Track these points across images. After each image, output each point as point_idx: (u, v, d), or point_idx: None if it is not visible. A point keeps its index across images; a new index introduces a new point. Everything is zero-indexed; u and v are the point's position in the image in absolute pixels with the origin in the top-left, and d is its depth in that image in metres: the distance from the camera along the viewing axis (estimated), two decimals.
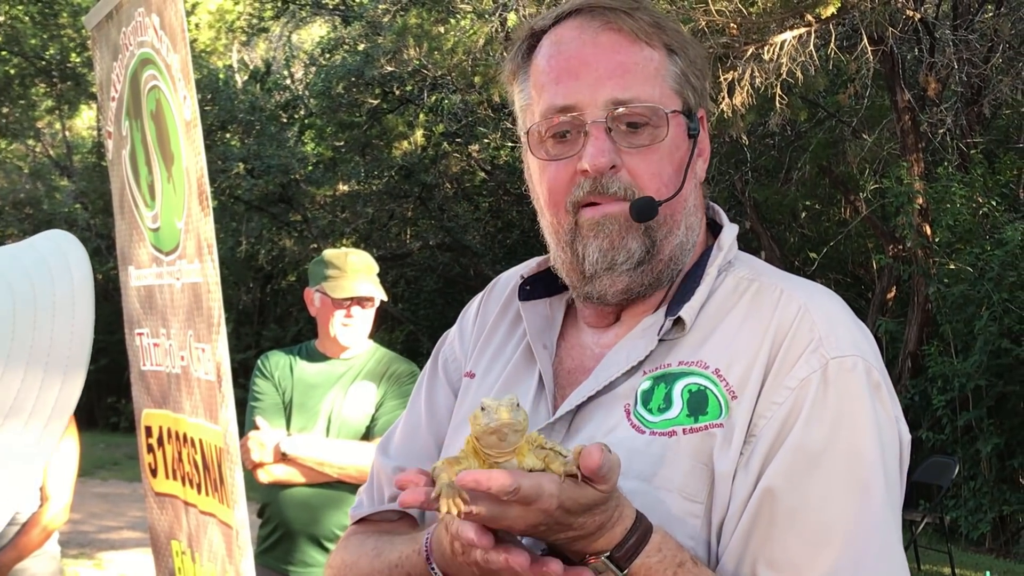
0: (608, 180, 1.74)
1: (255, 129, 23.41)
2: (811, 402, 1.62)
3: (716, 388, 1.68)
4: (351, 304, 4.71)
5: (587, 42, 1.77)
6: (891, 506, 1.62)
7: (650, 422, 1.70)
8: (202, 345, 3.54)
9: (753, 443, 1.63)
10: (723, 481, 1.63)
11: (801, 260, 19.10)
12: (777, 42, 12.04)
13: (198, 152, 3.34)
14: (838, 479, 1.59)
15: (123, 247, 4.13)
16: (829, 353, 1.65)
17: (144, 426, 4.12)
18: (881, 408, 1.66)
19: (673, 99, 1.77)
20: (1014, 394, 13.23)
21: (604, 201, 1.75)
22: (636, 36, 1.76)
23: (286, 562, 4.65)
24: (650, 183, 1.74)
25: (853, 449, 1.61)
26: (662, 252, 1.77)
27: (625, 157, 1.74)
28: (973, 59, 13.91)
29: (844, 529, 1.58)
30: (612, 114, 1.73)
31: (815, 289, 1.78)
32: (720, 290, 1.79)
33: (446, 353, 2.09)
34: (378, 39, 20.63)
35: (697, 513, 1.64)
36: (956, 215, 13.74)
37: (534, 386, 1.87)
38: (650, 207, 1.73)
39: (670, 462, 1.66)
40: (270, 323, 26.50)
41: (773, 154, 17.88)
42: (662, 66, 1.77)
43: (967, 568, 11.53)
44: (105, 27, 4.03)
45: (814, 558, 1.57)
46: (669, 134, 1.76)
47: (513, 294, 2.00)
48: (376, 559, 1.84)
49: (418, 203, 23.59)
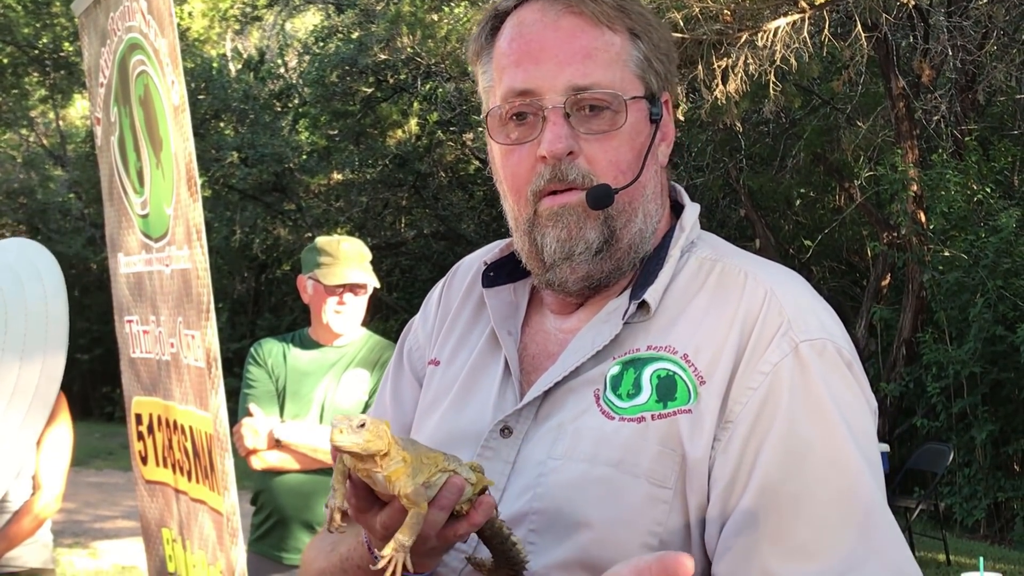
0: (567, 167, 1.72)
1: (249, 118, 23.38)
2: (789, 388, 1.62)
3: (685, 373, 1.67)
4: (343, 291, 4.72)
5: (548, 25, 1.74)
6: (879, 481, 1.62)
7: (619, 408, 1.68)
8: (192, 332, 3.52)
9: (731, 428, 1.62)
10: (697, 467, 1.62)
11: (796, 248, 19.10)
12: (771, 29, 12.01)
13: (186, 137, 3.32)
14: (831, 461, 1.58)
15: (112, 234, 4.11)
16: (798, 336, 1.64)
17: (134, 414, 4.10)
18: (855, 385, 1.66)
19: (635, 84, 1.75)
20: (1009, 381, 13.24)
21: (563, 189, 1.74)
22: (598, 20, 1.73)
23: (280, 548, 4.67)
24: (608, 170, 1.73)
25: (840, 431, 1.60)
26: (621, 240, 1.75)
27: (583, 143, 1.73)
28: (967, 45, 13.90)
29: (848, 510, 1.57)
30: (571, 100, 1.71)
31: (778, 271, 1.77)
32: (684, 272, 1.78)
33: (410, 342, 2.07)
34: (371, 27, 20.60)
35: (665, 499, 1.63)
36: (951, 202, 13.73)
37: (500, 373, 1.85)
38: (606, 195, 1.72)
39: (638, 448, 1.64)
40: (265, 312, 26.47)
41: (767, 142, 17.87)
42: (624, 51, 1.74)
43: (961, 555, 11.54)
44: (93, 12, 4.01)
45: (827, 543, 1.55)
46: (629, 120, 1.74)
47: (476, 280, 1.98)
48: (331, 553, 1.83)
49: (412, 192, 23.57)
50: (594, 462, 1.64)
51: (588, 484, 1.64)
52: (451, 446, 1.71)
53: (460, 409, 1.86)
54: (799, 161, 17.34)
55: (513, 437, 1.75)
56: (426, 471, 1.53)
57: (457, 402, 1.87)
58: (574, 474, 1.65)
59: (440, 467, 1.54)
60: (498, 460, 1.74)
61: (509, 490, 1.72)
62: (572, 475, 1.65)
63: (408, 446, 1.53)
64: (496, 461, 1.74)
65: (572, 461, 1.67)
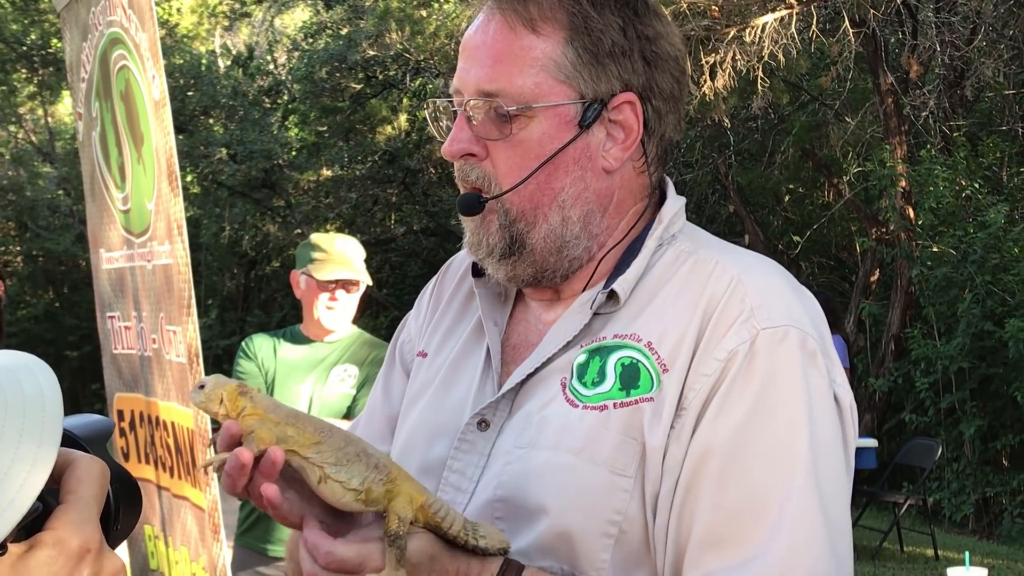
0: (468, 168, 1.77)
1: (238, 114, 23.32)
2: (734, 374, 1.62)
3: (648, 361, 1.67)
4: (336, 287, 4.74)
5: (481, 27, 1.77)
6: (817, 473, 1.60)
7: (583, 396, 1.69)
8: (174, 327, 3.51)
9: (684, 415, 1.63)
10: (654, 455, 1.63)
11: (785, 243, 19.11)
12: (759, 24, 12.01)
13: (167, 132, 3.31)
14: (760, 451, 1.59)
15: (94, 229, 4.10)
16: (760, 324, 1.64)
17: (116, 410, 4.09)
18: (815, 375, 1.65)
19: (555, 90, 1.73)
20: (997, 376, 13.25)
21: (466, 188, 1.78)
22: (520, 24, 1.73)
23: (265, 541, 4.68)
24: (507, 177, 1.74)
25: (779, 421, 1.60)
26: (527, 245, 1.76)
27: (491, 148, 1.75)
28: (955, 41, 13.90)
29: (764, 502, 1.57)
30: (475, 104, 1.74)
31: (753, 260, 1.76)
32: (659, 263, 1.78)
33: (403, 336, 2.09)
34: (360, 23, 20.57)
35: (626, 487, 1.63)
36: (939, 198, 13.73)
37: (480, 364, 1.86)
38: (471, 203, 1.76)
39: (599, 436, 1.65)
40: (254, 309, 26.41)
41: (756, 137, 17.86)
42: (545, 56, 1.73)
43: (950, 550, 11.56)
44: (74, 7, 4.00)
45: (737, 533, 1.57)
46: (538, 128, 1.73)
47: (468, 272, 1.98)
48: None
49: (402, 188, 23.54)
50: (557, 450, 1.65)
51: (550, 472, 1.65)
52: (432, 437, 1.77)
53: (441, 399, 1.87)
54: (788, 157, 17.33)
55: (490, 431, 1.76)
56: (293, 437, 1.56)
57: (439, 393, 1.89)
58: (537, 462, 1.66)
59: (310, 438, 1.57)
60: (474, 453, 1.75)
61: (481, 481, 1.73)
62: (535, 463, 1.66)
63: (282, 415, 1.58)
64: (472, 454, 1.75)
65: (536, 449, 1.68)
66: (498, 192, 1.75)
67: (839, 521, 1.62)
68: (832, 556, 1.58)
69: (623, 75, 1.76)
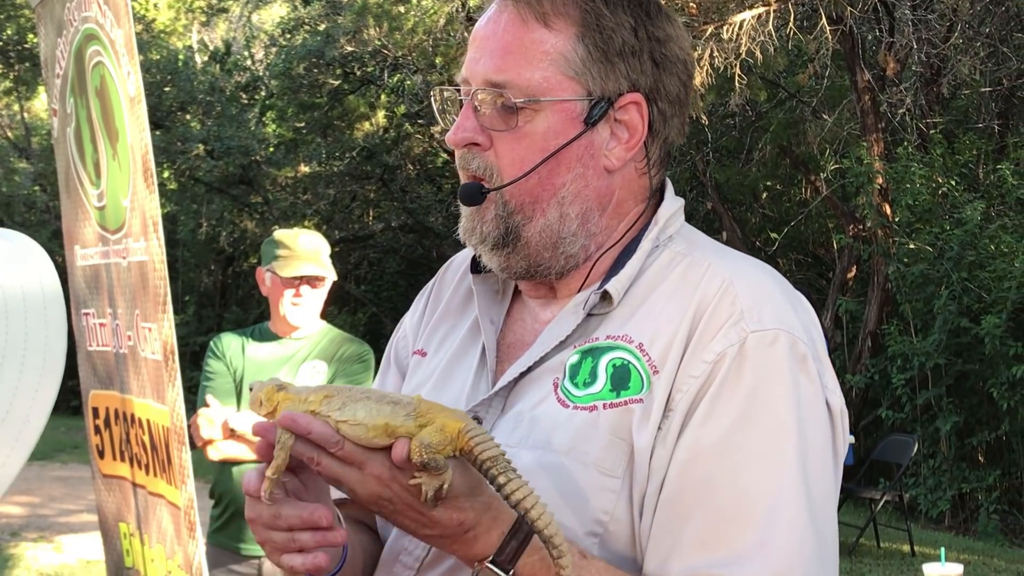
0: (469, 157, 1.76)
1: (215, 110, 23.30)
2: (723, 377, 1.62)
3: (639, 363, 1.67)
4: (300, 283, 4.73)
5: (492, 18, 1.77)
6: (807, 478, 1.60)
7: (575, 396, 1.69)
8: (149, 324, 3.49)
9: (671, 417, 1.63)
10: (642, 456, 1.63)
11: (762, 240, 19.18)
12: (736, 21, 12.04)
13: (143, 128, 3.29)
14: (748, 455, 1.59)
15: (69, 226, 4.08)
16: (749, 327, 1.64)
17: (91, 407, 4.07)
18: (805, 380, 1.65)
19: (563, 86, 1.73)
20: (973, 372, 13.33)
21: (467, 177, 1.78)
22: (533, 17, 1.73)
23: (238, 540, 4.67)
24: (509, 168, 1.74)
25: (765, 424, 1.60)
26: (522, 238, 1.76)
27: (495, 139, 1.75)
28: (932, 39, 13.97)
29: (752, 505, 1.57)
30: (482, 95, 1.74)
31: (745, 263, 1.76)
32: (654, 265, 1.77)
33: (398, 336, 2.09)
34: (338, 19, 20.54)
35: (613, 488, 1.64)
36: (916, 195, 13.80)
37: (476, 360, 1.86)
38: (472, 193, 1.76)
39: (588, 436, 1.65)
40: (232, 305, 26.38)
41: (734, 134, 17.92)
42: (555, 50, 1.73)
43: (926, 545, 11.60)
44: (49, 3, 3.97)
45: (723, 535, 1.57)
46: (544, 122, 1.73)
47: (468, 271, 1.98)
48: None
49: (380, 184, 23.54)
50: (546, 449, 1.65)
51: (539, 471, 1.64)
52: None
53: (437, 396, 1.85)
54: (765, 154, 17.41)
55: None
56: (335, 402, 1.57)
57: (435, 389, 1.89)
58: (526, 461, 1.64)
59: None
60: None
61: None
62: (524, 462, 1.64)
63: (309, 392, 1.60)
64: None
65: (526, 448, 1.68)
66: (499, 183, 1.75)
67: (827, 526, 1.62)
68: (820, 562, 1.59)
69: (631, 75, 1.76)
